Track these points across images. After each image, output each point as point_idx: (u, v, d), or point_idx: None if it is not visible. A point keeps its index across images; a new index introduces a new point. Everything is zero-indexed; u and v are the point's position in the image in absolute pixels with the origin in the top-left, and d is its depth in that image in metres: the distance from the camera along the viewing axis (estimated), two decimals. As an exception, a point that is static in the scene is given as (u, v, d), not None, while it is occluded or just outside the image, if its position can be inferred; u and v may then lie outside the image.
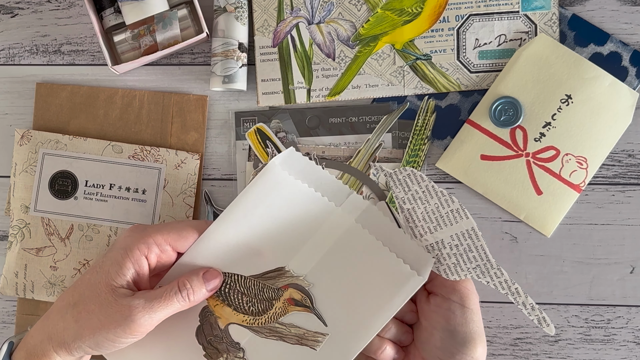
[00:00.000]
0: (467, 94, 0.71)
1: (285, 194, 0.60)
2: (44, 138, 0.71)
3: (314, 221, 0.60)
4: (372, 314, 0.58)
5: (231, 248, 0.60)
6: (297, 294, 0.59)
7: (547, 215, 0.70)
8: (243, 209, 0.60)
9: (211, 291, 0.59)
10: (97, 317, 0.56)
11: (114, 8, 0.70)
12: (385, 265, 0.59)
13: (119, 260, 0.57)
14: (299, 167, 0.61)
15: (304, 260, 0.60)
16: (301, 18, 0.71)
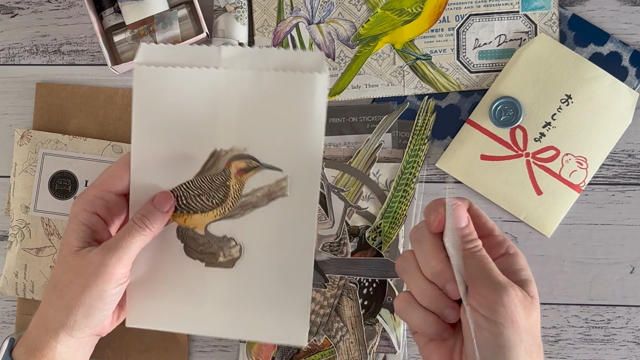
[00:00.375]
0: (467, 94, 0.71)
1: (166, 86, 0.60)
2: (44, 138, 0.71)
3: (209, 94, 0.60)
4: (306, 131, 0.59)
5: (161, 164, 0.60)
6: (240, 163, 0.59)
7: (547, 215, 0.70)
8: (142, 123, 0.60)
9: (167, 212, 0.59)
10: (76, 284, 0.57)
11: (114, 8, 0.70)
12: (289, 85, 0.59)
13: (71, 227, 0.59)
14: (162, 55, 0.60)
15: (226, 132, 0.60)
16: (301, 18, 0.71)
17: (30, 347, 0.59)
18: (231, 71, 0.59)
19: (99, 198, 0.59)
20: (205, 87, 0.60)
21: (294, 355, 0.69)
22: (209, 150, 0.60)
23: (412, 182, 0.70)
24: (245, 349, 0.70)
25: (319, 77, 0.58)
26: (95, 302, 0.57)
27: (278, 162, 0.59)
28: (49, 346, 0.58)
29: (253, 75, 0.59)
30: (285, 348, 0.69)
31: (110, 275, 0.56)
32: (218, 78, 0.59)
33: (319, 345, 0.69)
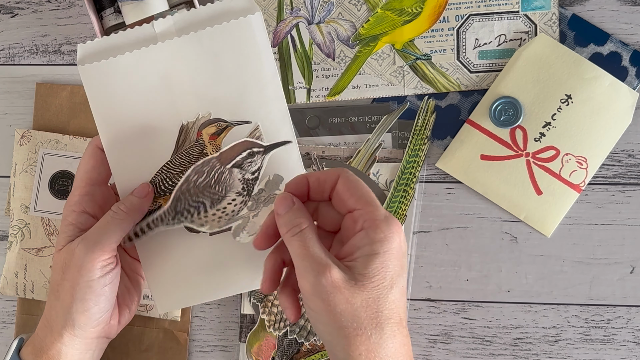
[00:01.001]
0: (467, 94, 0.71)
1: (114, 77, 0.60)
2: (44, 138, 0.71)
3: (158, 71, 0.60)
4: (259, 74, 0.59)
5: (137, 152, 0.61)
6: (210, 128, 0.60)
7: (547, 215, 0.70)
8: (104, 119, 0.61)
9: (146, 197, 0.60)
10: (66, 280, 0.57)
11: (114, 8, 0.70)
12: (227, 36, 0.59)
13: (61, 229, 0.60)
14: (101, 49, 0.61)
15: (187, 104, 0.61)
16: (301, 18, 0.71)
17: (37, 348, 0.59)
18: (170, 42, 0.60)
19: (84, 195, 0.60)
20: (151, 65, 0.60)
21: (294, 355, 0.69)
22: (177, 126, 0.61)
23: (412, 182, 0.70)
24: (245, 349, 0.70)
25: (253, 18, 0.59)
26: (86, 294, 0.57)
27: (245, 114, 0.60)
28: (55, 347, 0.58)
29: (191, 39, 0.60)
30: (285, 348, 0.69)
31: (92, 263, 0.56)
32: (160, 53, 0.60)
33: (319, 345, 0.69)
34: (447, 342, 0.71)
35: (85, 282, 0.57)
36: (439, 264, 0.71)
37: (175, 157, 0.61)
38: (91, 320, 0.58)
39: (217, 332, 0.71)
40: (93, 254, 0.56)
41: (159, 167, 0.61)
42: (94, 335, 0.59)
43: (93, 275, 0.57)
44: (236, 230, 0.61)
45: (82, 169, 0.61)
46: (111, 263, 0.58)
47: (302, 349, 0.69)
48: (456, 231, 0.71)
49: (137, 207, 0.59)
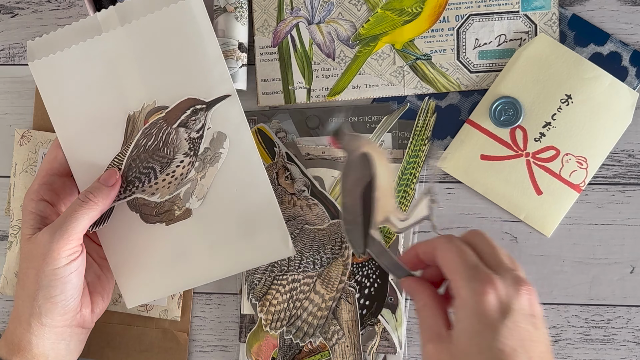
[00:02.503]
0: (467, 94, 0.71)
1: (63, 70, 0.61)
2: (44, 138, 0.71)
3: (104, 61, 0.61)
4: (203, 55, 0.61)
5: (89, 142, 0.62)
6: (155, 116, 0.61)
7: (547, 215, 0.70)
8: (56, 110, 0.62)
9: (113, 186, 0.61)
10: (31, 268, 0.58)
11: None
12: (168, 21, 0.60)
13: (23, 218, 0.60)
14: (49, 44, 0.62)
15: (135, 93, 0.61)
16: (301, 18, 0.71)
17: (9, 341, 0.59)
18: (113, 32, 0.61)
19: (42, 184, 0.61)
20: (96, 56, 0.61)
21: (296, 356, 0.69)
22: (124, 117, 0.61)
23: (413, 182, 0.70)
24: (245, 349, 0.70)
25: (193, 2, 0.60)
26: (51, 282, 0.57)
27: (205, 90, 0.61)
28: (25, 338, 0.58)
29: (133, 27, 0.60)
30: (287, 348, 0.69)
31: (57, 251, 0.57)
32: (106, 43, 0.61)
33: (320, 345, 0.69)
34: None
35: (51, 270, 0.57)
36: (439, 264, 0.71)
37: (136, 146, 0.62)
38: (57, 308, 0.58)
39: (217, 332, 0.71)
40: (58, 242, 0.57)
41: (112, 154, 0.62)
42: (63, 323, 0.59)
43: (58, 263, 0.57)
44: (185, 195, 0.62)
45: (44, 160, 0.63)
46: (76, 251, 0.58)
47: (304, 349, 0.69)
48: (456, 231, 0.71)
49: (105, 195, 0.60)
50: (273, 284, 0.67)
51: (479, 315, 0.49)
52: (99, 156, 0.62)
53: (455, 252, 0.52)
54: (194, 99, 0.61)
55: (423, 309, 0.55)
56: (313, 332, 0.67)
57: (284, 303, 0.67)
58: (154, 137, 0.61)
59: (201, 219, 0.62)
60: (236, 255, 0.62)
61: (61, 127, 0.62)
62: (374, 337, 0.69)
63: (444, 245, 0.53)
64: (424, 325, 0.54)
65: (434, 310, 0.54)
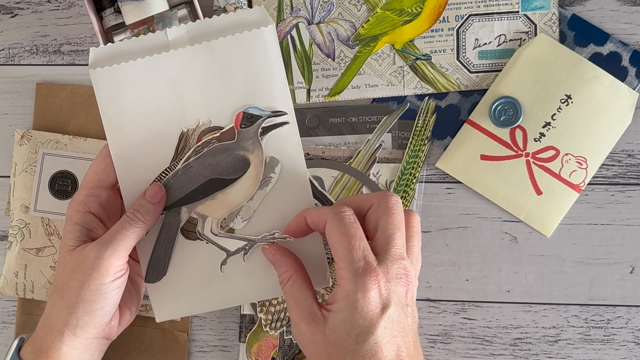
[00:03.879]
0: (467, 94, 0.71)
1: (124, 82, 0.61)
2: (44, 138, 0.71)
3: (168, 77, 0.61)
4: (269, 84, 0.61)
5: (140, 155, 0.61)
6: (208, 136, 0.61)
7: (547, 215, 0.70)
8: (112, 121, 0.61)
9: (159, 203, 0.60)
10: (74, 280, 0.58)
11: (114, 8, 0.70)
12: (239, 46, 0.60)
13: (67, 228, 0.60)
14: (113, 54, 0.62)
15: (193, 111, 0.61)
16: (301, 18, 0.71)
17: (37, 347, 0.59)
18: (182, 50, 0.61)
19: (89, 196, 0.60)
20: (161, 72, 0.61)
21: (296, 356, 0.69)
22: (177, 133, 0.61)
23: (413, 182, 0.70)
24: (245, 349, 0.70)
25: (266, 30, 0.60)
26: (94, 297, 0.57)
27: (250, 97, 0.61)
28: (55, 346, 0.58)
29: (203, 48, 0.60)
30: (287, 348, 0.69)
31: (106, 267, 0.57)
32: (172, 60, 0.61)
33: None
34: (447, 342, 0.71)
35: (96, 285, 0.57)
36: (439, 264, 0.71)
37: (173, 164, 0.61)
38: (94, 322, 0.58)
39: (217, 332, 0.71)
40: (109, 259, 0.57)
41: (161, 169, 0.61)
42: (94, 335, 0.59)
43: (105, 279, 0.57)
44: (230, 215, 0.61)
45: (91, 170, 0.61)
46: (123, 269, 0.58)
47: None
48: (456, 231, 0.71)
49: (152, 213, 0.59)
50: None
51: (360, 310, 0.52)
52: (148, 170, 0.61)
53: (345, 237, 0.54)
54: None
55: (290, 283, 0.57)
56: None
57: (284, 303, 0.67)
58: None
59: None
60: (274, 279, 0.61)
61: (114, 138, 0.61)
62: None
63: (335, 222, 0.55)
64: (294, 302, 0.56)
65: (303, 286, 0.57)
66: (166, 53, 0.60)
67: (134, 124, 0.61)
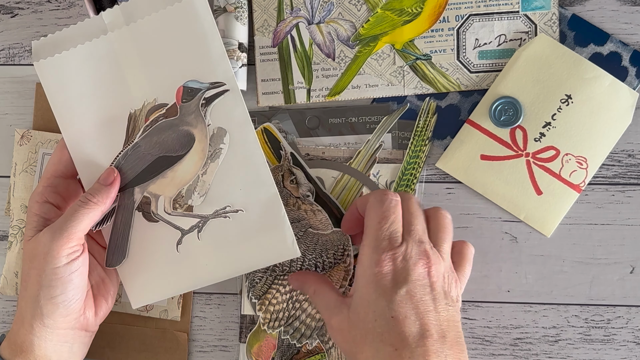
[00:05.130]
0: (467, 94, 0.71)
1: (68, 70, 0.61)
2: (44, 138, 0.71)
3: (109, 60, 0.61)
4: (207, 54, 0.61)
5: (94, 141, 0.62)
6: (155, 114, 0.62)
7: (547, 215, 0.70)
8: (61, 109, 0.62)
9: (111, 184, 0.61)
10: (32, 269, 0.58)
11: (113, 8, 0.70)
12: (172, 21, 0.61)
13: (27, 220, 0.61)
14: (54, 44, 0.62)
15: (139, 91, 0.61)
16: (301, 18, 0.71)
17: (12, 342, 0.59)
18: (118, 32, 0.61)
19: (47, 187, 0.61)
20: (102, 56, 0.61)
21: (294, 356, 0.69)
22: (126, 115, 0.61)
23: (413, 183, 0.70)
24: (245, 349, 0.70)
25: (196, 1, 0.60)
26: (51, 282, 0.57)
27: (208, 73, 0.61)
28: (27, 339, 0.59)
29: (138, 26, 0.61)
30: (285, 348, 0.69)
31: (57, 250, 0.57)
32: (111, 43, 0.61)
33: (318, 346, 0.69)
34: (447, 342, 0.71)
35: (51, 269, 0.57)
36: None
37: (134, 144, 0.62)
38: (59, 308, 0.58)
39: (217, 332, 0.71)
40: (58, 241, 0.57)
41: (117, 152, 0.62)
42: (66, 325, 0.59)
43: (58, 262, 0.57)
44: (187, 192, 0.62)
45: (50, 162, 0.63)
46: (77, 250, 0.58)
47: (302, 349, 0.69)
48: (456, 231, 0.70)
49: (105, 195, 0.60)
50: (274, 284, 0.67)
51: (375, 284, 0.53)
52: (103, 156, 0.62)
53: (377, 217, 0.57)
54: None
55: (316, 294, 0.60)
56: (310, 333, 0.67)
57: (284, 303, 0.67)
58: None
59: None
60: (241, 255, 0.61)
61: (67, 127, 0.62)
62: None
63: (374, 203, 0.58)
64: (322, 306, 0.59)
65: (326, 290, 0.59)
66: (104, 36, 0.61)
67: (83, 111, 0.62)
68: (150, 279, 0.63)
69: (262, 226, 0.61)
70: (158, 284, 0.63)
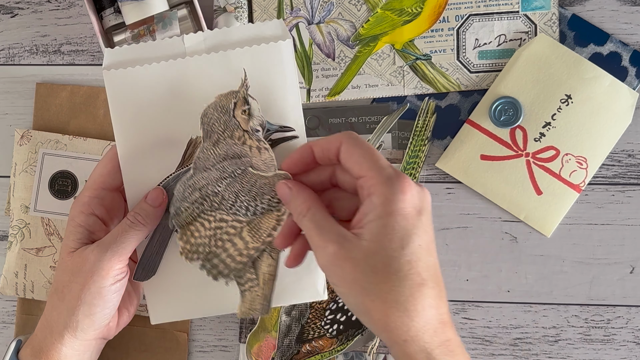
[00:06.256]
0: (467, 94, 0.71)
1: (137, 85, 0.60)
2: (44, 138, 0.71)
3: (181, 83, 0.60)
4: (282, 99, 0.60)
5: (147, 158, 0.61)
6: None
7: (547, 215, 0.70)
8: (122, 123, 0.61)
9: (159, 206, 0.60)
10: (75, 283, 0.57)
11: (114, 8, 0.70)
12: (256, 59, 0.60)
13: (69, 229, 0.60)
14: (128, 56, 0.61)
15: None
16: (301, 18, 0.71)
17: (36, 349, 0.59)
18: (197, 57, 0.60)
19: (94, 198, 0.60)
20: (175, 78, 0.60)
21: (294, 356, 0.69)
22: (186, 139, 0.60)
23: (412, 182, 0.69)
24: (245, 349, 0.70)
25: (284, 45, 0.59)
26: (94, 299, 0.57)
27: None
28: (54, 348, 0.58)
29: (220, 57, 0.60)
30: (285, 348, 0.69)
31: (107, 270, 0.57)
32: (187, 67, 0.60)
33: (318, 347, 0.69)
34: (447, 342, 0.71)
35: (97, 287, 0.57)
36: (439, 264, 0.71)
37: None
38: (95, 324, 0.58)
39: (217, 332, 0.71)
40: (109, 262, 0.57)
41: (169, 173, 0.61)
42: (93, 337, 0.60)
43: (105, 282, 0.57)
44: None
45: (97, 172, 0.61)
46: (123, 272, 0.58)
47: (302, 350, 0.69)
48: (456, 231, 0.71)
49: (153, 217, 0.59)
50: (200, 217, 0.62)
51: (402, 212, 0.50)
52: (154, 175, 0.61)
53: (368, 149, 0.52)
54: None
55: (312, 212, 0.53)
56: (228, 273, 0.63)
57: (206, 238, 0.63)
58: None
59: None
60: (275, 290, 0.61)
61: (123, 140, 0.60)
62: (374, 338, 0.69)
63: (353, 141, 0.53)
64: (316, 228, 0.52)
65: (324, 213, 0.53)
66: (182, 60, 0.60)
67: (144, 128, 0.60)
68: (174, 299, 0.62)
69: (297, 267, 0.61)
70: (181, 304, 0.62)
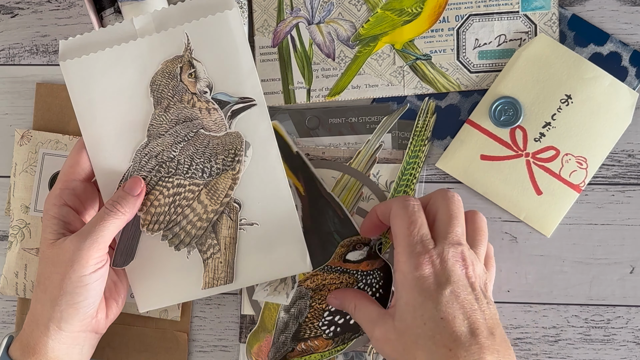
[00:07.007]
0: (467, 94, 0.71)
1: (94, 72, 0.61)
2: (44, 138, 0.71)
3: (137, 65, 0.61)
4: (236, 68, 0.61)
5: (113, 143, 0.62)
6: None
7: (547, 215, 0.70)
8: (84, 111, 0.62)
9: (138, 195, 0.61)
10: (55, 273, 0.58)
11: (114, 8, 0.70)
12: (204, 32, 0.61)
13: (45, 222, 0.60)
14: (82, 45, 0.62)
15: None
16: (301, 18, 0.71)
17: (24, 343, 0.60)
18: (148, 37, 0.61)
19: (65, 189, 0.61)
20: (130, 61, 0.61)
21: (288, 354, 0.69)
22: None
23: (413, 183, 0.70)
24: (245, 349, 0.70)
25: (230, 14, 0.61)
26: (76, 289, 0.58)
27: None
28: (41, 342, 0.59)
29: (169, 35, 0.61)
30: (280, 345, 0.69)
31: (86, 259, 0.57)
32: (139, 48, 0.61)
33: (312, 347, 0.69)
34: (447, 342, 0.71)
35: (77, 276, 0.57)
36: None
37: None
38: (78, 314, 0.58)
39: (217, 332, 0.71)
40: (88, 250, 0.57)
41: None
42: (80, 329, 0.60)
43: (85, 270, 0.57)
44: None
45: (66, 164, 0.62)
46: (103, 260, 0.59)
47: (297, 348, 0.69)
48: (456, 231, 0.71)
49: (132, 205, 0.60)
50: (158, 185, 0.64)
51: (418, 288, 0.54)
52: (122, 160, 0.62)
53: (405, 223, 0.57)
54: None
55: (357, 309, 0.60)
56: (189, 241, 0.64)
57: (166, 207, 0.64)
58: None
59: None
60: (254, 266, 0.62)
61: (87, 129, 0.62)
62: None
63: (398, 210, 0.58)
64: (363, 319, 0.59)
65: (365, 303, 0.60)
66: (133, 42, 0.61)
67: (106, 114, 0.62)
68: (159, 284, 0.63)
69: (277, 240, 0.62)
70: (166, 289, 0.63)
